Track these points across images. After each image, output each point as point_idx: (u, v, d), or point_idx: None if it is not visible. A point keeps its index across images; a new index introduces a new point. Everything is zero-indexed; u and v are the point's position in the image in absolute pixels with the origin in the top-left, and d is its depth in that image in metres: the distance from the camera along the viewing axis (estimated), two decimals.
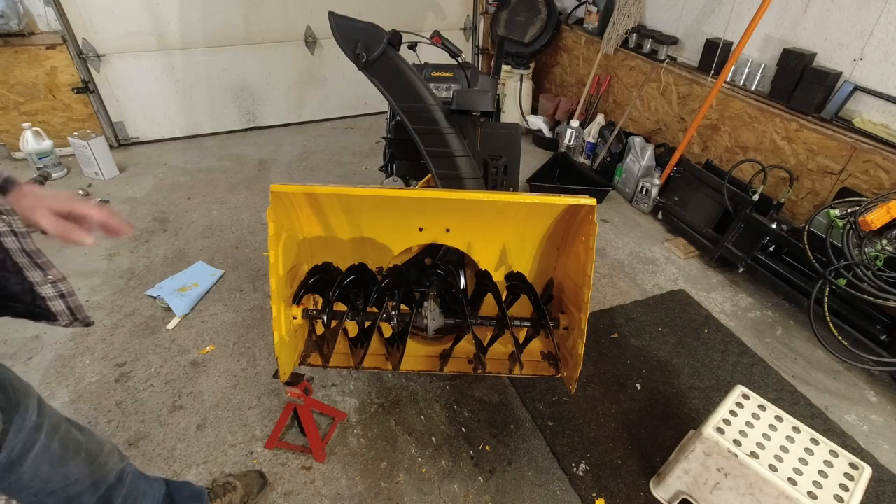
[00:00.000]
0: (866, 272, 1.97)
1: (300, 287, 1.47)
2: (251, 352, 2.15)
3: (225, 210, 3.12)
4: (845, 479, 1.33)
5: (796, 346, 2.30)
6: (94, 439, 1.05)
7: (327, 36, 3.72)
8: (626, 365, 2.14)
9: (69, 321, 0.79)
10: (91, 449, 1.02)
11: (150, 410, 1.89)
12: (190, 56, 3.74)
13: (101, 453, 1.04)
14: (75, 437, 0.99)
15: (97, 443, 1.05)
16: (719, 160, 3.07)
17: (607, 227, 3.13)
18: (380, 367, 1.61)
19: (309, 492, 1.65)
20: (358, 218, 1.52)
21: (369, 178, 3.58)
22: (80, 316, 0.80)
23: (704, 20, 3.05)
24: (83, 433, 1.03)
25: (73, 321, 0.80)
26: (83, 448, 0.99)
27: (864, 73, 2.33)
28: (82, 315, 0.81)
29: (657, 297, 2.55)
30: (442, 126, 1.84)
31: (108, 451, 1.07)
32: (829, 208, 2.20)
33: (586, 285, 1.30)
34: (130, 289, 2.47)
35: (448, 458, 1.77)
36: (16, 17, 3.12)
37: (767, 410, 1.51)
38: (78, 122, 3.59)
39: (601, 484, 1.70)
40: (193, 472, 1.70)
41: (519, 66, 4.12)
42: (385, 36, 1.73)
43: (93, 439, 1.04)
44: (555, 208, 1.41)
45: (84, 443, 1.00)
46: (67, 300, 0.78)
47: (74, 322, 0.80)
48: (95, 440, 1.05)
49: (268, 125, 4.28)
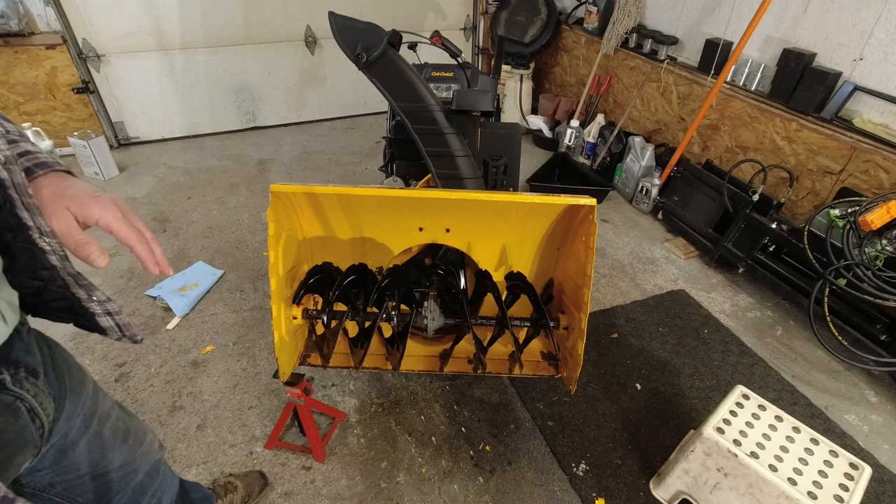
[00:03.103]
0: (866, 272, 1.97)
1: (300, 287, 1.47)
2: (251, 352, 2.15)
3: (225, 210, 3.12)
4: (845, 479, 1.33)
5: (796, 346, 2.30)
6: (141, 427, 1.07)
7: (327, 36, 3.72)
8: (626, 365, 2.14)
9: (118, 336, 0.80)
10: (139, 436, 1.04)
11: (150, 410, 1.89)
12: (190, 56, 3.74)
13: (145, 442, 1.06)
14: (125, 424, 1.00)
15: (143, 431, 1.07)
16: (719, 160, 3.07)
17: (607, 227, 3.13)
18: (380, 367, 1.61)
19: (309, 492, 1.66)
20: (358, 218, 1.52)
21: (369, 178, 3.58)
22: (128, 333, 0.81)
23: (704, 20, 3.05)
24: (132, 420, 1.04)
25: (122, 337, 0.81)
26: (131, 435, 1.01)
27: (864, 73, 2.33)
28: (130, 332, 0.82)
29: (657, 297, 2.55)
30: (442, 126, 1.83)
31: (150, 440, 1.09)
32: (829, 208, 2.20)
33: (586, 285, 1.30)
34: (130, 289, 2.47)
35: (448, 458, 1.77)
36: (16, 17, 3.12)
37: (767, 410, 1.51)
38: (78, 122, 3.59)
39: (601, 484, 1.70)
40: (194, 472, 1.70)
41: (519, 66, 4.12)
42: (385, 36, 1.73)
43: (140, 427, 1.06)
44: (555, 208, 1.41)
45: (132, 430, 1.02)
46: (115, 318, 0.78)
47: (123, 338, 0.81)
48: (142, 428, 1.07)
49: (268, 125, 4.28)
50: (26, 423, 0.70)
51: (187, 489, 1.31)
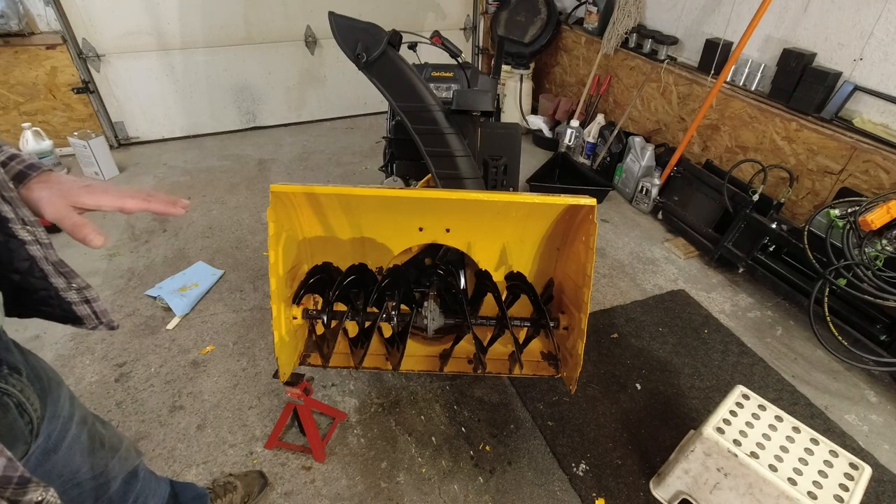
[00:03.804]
0: (866, 272, 1.97)
1: (300, 287, 1.47)
2: (251, 352, 2.15)
3: (225, 210, 3.12)
4: (845, 479, 1.33)
5: (796, 346, 2.30)
6: (115, 433, 1.07)
7: (327, 36, 3.72)
8: (626, 365, 2.14)
9: (94, 325, 0.81)
10: (113, 443, 1.04)
11: (150, 410, 1.89)
12: (190, 56, 3.74)
13: (121, 448, 1.06)
14: (100, 430, 1.01)
15: (118, 437, 1.07)
16: (719, 160, 3.07)
17: (607, 227, 3.13)
18: (380, 367, 1.61)
19: (309, 492, 1.65)
20: (358, 218, 1.52)
21: (369, 178, 3.58)
22: (104, 320, 0.82)
23: (704, 20, 3.05)
24: (106, 427, 1.04)
25: (99, 325, 0.82)
26: (107, 441, 1.01)
27: (864, 73, 2.33)
28: (107, 319, 0.83)
29: (657, 297, 2.55)
30: (442, 126, 1.83)
31: (127, 446, 1.09)
32: (829, 208, 2.20)
33: (586, 285, 1.30)
34: (130, 289, 2.47)
35: (448, 458, 1.77)
36: (16, 17, 3.12)
37: (767, 410, 1.51)
38: (78, 122, 3.59)
39: (601, 484, 1.70)
40: (193, 472, 1.70)
41: (519, 66, 4.12)
42: (385, 36, 1.73)
43: (114, 433, 1.06)
44: (555, 208, 1.41)
45: (107, 436, 1.02)
46: (92, 305, 0.79)
47: (100, 325, 0.82)
48: (116, 434, 1.07)
49: (268, 125, 4.28)
50: (15, 417, 0.71)
51: (178, 491, 1.31)
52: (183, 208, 0.80)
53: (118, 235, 2.85)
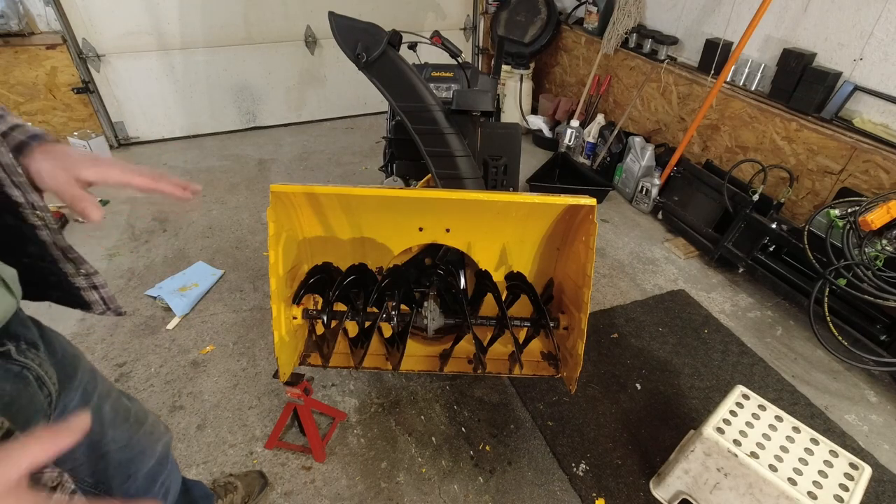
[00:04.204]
0: (866, 272, 1.97)
1: (300, 287, 1.47)
2: (251, 352, 2.15)
3: (225, 210, 3.12)
4: (845, 479, 1.33)
5: (796, 346, 2.30)
6: (142, 409, 1.08)
7: (327, 36, 3.72)
8: (626, 365, 2.14)
9: (102, 310, 0.83)
10: (139, 417, 1.04)
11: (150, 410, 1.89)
12: (190, 56, 3.74)
13: (147, 422, 1.07)
14: (125, 403, 1.01)
15: (143, 412, 1.08)
16: (719, 160, 3.07)
17: (607, 227, 3.13)
18: (380, 367, 1.61)
19: (309, 492, 1.66)
20: (358, 218, 1.52)
21: (369, 178, 3.58)
22: (112, 306, 0.84)
23: (704, 20, 3.05)
24: (133, 402, 1.05)
25: (107, 310, 0.84)
26: (132, 415, 1.02)
27: (864, 73, 2.33)
28: (114, 305, 0.84)
29: (657, 297, 2.55)
30: (442, 126, 1.83)
31: (153, 421, 1.10)
32: (829, 208, 2.20)
33: (586, 285, 1.30)
34: (130, 289, 2.47)
35: (448, 458, 1.77)
36: (16, 17, 3.12)
37: (767, 410, 1.51)
38: (78, 122, 3.59)
39: (601, 484, 1.70)
40: (193, 472, 1.69)
41: (519, 66, 4.12)
42: (385, 36, 1.73)
43: (140, 408, 1.07)
44: (555, 208, 1.41)
45: (133, 411, 1.03)
46: (100, 291, 0.81)
47: (108, 311, 0.84)
48: (142, 409, 1.08)
49: (268, 125, 4.28)
50: (35, 390, 0.72)
51: (189, 487, 1.31)
52: (193, 193, 0.80)
53: (118, 235, 2.85)
